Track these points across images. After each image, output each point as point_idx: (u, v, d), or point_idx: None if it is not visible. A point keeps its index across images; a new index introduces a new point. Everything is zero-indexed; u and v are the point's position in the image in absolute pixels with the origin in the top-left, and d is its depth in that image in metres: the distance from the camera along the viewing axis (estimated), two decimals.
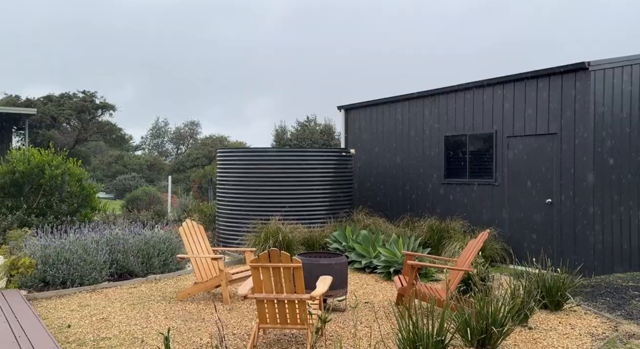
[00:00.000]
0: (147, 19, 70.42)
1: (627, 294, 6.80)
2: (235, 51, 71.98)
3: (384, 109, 12.10)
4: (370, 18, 72.44)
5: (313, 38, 72.57)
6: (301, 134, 29.52)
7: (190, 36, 70.33)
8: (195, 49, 69.85)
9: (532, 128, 8.76)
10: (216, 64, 70.08)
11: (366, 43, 70.34)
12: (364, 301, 6.44)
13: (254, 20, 73.86)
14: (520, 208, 8.94)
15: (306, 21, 74.86)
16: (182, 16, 72.04)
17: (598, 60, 7.91)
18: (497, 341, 4.61)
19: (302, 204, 10.22)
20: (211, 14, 73.63)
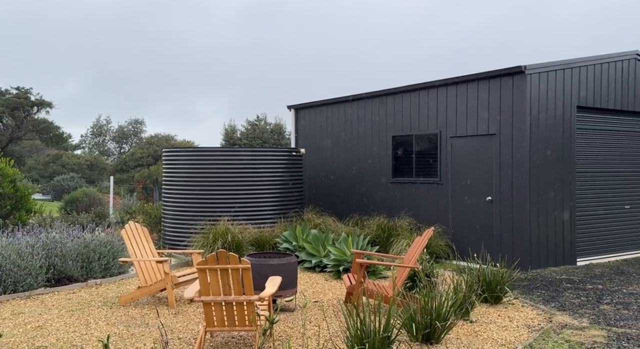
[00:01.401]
0: (92, 12, 67.14)
1: (560, 287, 7.22)
2: (186, 47, 70.03)
3: (334, 109, 12.20)
4: (326, 18, 72.85)
5: (266, 36, 71.98)
6: (251, 134, 29.23)
7: (139, 30, 67.77)
8: (143, 44, 67.34)
9: (473, 129, 9.11)
10: (166, 60, 67.91)
11: (320, 43, 70.68)
12: (313, 300, 6.45)
13: (207, 15, 72.23)
14: (463, 206, 9.28)
15: (260, 19, 74.14)
16: (130, 8, 69.23)
17: (534, 64, 8.34)
18: (440, 335, 4.76)
19: (252, 204, 10.11)
20: (162, 7, 71.20)
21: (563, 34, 58.83)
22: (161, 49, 67.89)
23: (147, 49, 66.22)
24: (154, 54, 66.73)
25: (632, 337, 5.00)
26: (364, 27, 71.51)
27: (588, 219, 9.23)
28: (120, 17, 66.62)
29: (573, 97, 8.84)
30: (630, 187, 9.84)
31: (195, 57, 68.36)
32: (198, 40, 69.56)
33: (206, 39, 70.34)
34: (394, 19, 70.62)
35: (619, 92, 9.45)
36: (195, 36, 69.68)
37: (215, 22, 71.30)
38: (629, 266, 8.69)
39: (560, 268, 8.57)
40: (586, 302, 6.37)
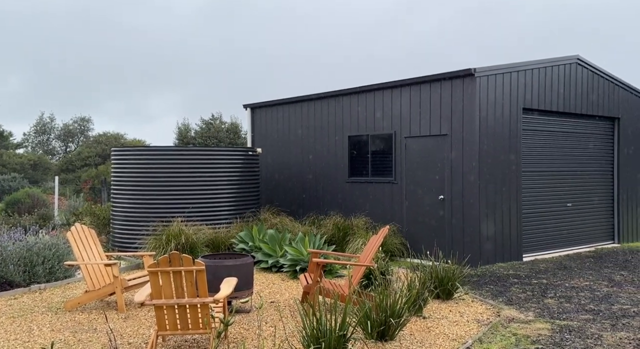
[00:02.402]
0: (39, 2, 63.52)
1: (507, 282, 7.52)
2: (141, 42, 67.58)
3: (290, 108, 12.16)
4: (285, 17, 72.46)
5: (224, 34, 70.69)
6: (206, 133, 28.69)
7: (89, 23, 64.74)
8: (94, 38, 64.38)
9: (426, 129, 9.34)
10: (119, 55, 65.22)
11: (278, 42, 70.23)
12: (269, 301, 6.40)
13: (164, 10, 69.95)
14: (417, 205, 9.49)
15: (219, 16, 72.74)
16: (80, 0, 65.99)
17: (483, 67, 8.65)
18: (394, 332, 4.84)
19: (206, 205, 9.91)
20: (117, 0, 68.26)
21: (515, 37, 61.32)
22: (113, 44, 65.30)
23: (98, 44, 63.48)
24: (106, 49, 64.04)
25: (574, 329, 5.27)
26: (323, 27, 71.85)
27: (533, 216, 9.66)
28: (70, 9, 63.57)
29: (519, 100, 9.23)
30: (572, 185, 10.38)
31: (150, 53, 66.24)
32: (154, 35, 67.49)
33: (163, 34, 68.32)
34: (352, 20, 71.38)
35: (562, 95, 9.95)
36: (151, 31, 67.55)
37: (173, 18, 69.37)
38: (571, 261, 9.17)
39: (507, 263, 8.92)
40: (532, 296, 6.66)
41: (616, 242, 11.04)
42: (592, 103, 10.48)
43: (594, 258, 9.44)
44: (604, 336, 5.00)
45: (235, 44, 68.24)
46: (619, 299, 6.46)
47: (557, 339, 4.95)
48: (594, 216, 10.77)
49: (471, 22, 65.50)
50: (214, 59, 65.58)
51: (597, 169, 10.83)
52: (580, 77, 10.25)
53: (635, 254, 9.89)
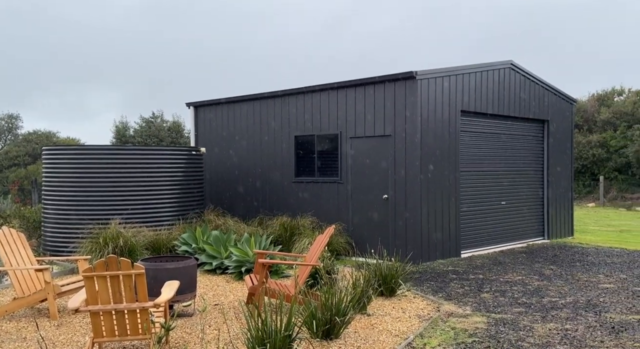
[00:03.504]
0: None
1: (447, 278, 7.81)
2: (80, 36, 63.81)
3: (236, 107, 11.99)
4: (233, 16, 71.11)
5: (168, 30, 68.31)
6: (146, 132, 27.70)
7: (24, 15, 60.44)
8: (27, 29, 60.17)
9: (370, 130, 9.51)
10: (55, 49, 61.27)
11: (224, 40, 68.83)
12: (213, 304, 6.27)
13: (106, 3, 66.46)
14: (362, 204, 9.64)
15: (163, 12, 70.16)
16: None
17: (424, 71, 8.93)
18: (340, 330, 4.89)
19: (147, 206, 9.56)
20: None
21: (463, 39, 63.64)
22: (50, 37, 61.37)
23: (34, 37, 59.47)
24: (42, 42, 60.10)
25: (508, 321, 5.55)
26: (270, 26, 71.31)
27: (470, 214, 10.09)
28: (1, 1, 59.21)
29: (457, 102, 9.61)
30: (506, 184, 10.94)
31: (89, 48, 62.85)
32: (94, 29, 64.11)
33: (103, 29, 65.01)
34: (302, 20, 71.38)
35: (496, 98, 10.46)
36: (90, 25, 64.09)
37: (114, 12, 66.20)
38: (505, 257, 9.66)
39: (447, 260, 9.26)
40: (469, 291, 6.95)
41: (546, 239, 11.75)
42: (524, 106, 11.10)
43: (526, 254, 10.00)
44: (535, 328, 5.31)
45: (180, 41, 66.35)
46: (548, 292, 6.88)
47: (492, 332, 5.19)
48: (526, 213, 11.41)
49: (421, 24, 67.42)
50: (157, 56, 63.43)
51: (529, 168, 11.48)
52: (513, 81, 10.82)
53: (563, 249, 10.58)
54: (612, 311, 5.86)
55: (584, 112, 25.40)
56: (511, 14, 61.88)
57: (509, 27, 61.69)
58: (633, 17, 53.78)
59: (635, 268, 8.51)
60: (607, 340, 4.87)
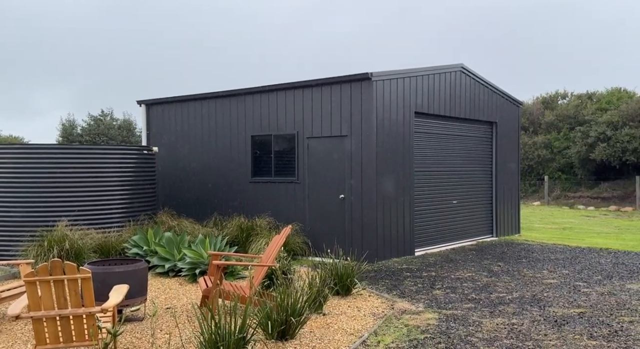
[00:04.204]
0: None
1: (401, 276, 7.96)
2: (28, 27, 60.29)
3: (190, 106, 11.74)
4: (192, 13, 69.35)
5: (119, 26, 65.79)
6: (95, 130, 26.66)
7: None
8: None
9: (327, 130, 9.56)
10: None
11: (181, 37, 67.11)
12: (165, 307, 6.11)
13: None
14: (319, 204, 9.68)
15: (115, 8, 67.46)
16: None
17: (379, 72, 9.07)
18: (295, 330, 4.88)
19: (95, 207, 9.20)
20: None
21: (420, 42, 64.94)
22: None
23: None
24: None
25: (458, 317, 5.72)
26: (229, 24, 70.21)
27: (424, 214, 10.34)
28: None
29: (412, 104, 9.82)
30: (457, 184, 11.29)
31: (37, 40, 59.60)
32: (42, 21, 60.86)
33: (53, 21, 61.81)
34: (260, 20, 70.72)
35: (448, 100, 10.77)
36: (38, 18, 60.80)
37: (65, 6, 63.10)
38: (456, 254, 9.96)
39: (401, 258, 9.45)
40: (422, 288, 7.12)
41: (495, 236, 12.21)
42: (474, 108, 11.49)
43: (476, 251, 10.35)
44: (484, 323, 5.50)
45: (132, 37, 64.22)
46: (496, 288, 7.15)
47: (443, 327, 5.34)
48: (476, 212, 11.82)
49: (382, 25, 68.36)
50: (108, 52, 61.09)
51: (478, 168, 11.89)
52: (464, 84, 11.18)
53: (511, 246, 11.03)
54: (555, 306, 6.16)
55: (529, 115, 26.59)
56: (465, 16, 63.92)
57: (464, 29, 63.68)
58: (577, 24, 56.88)
59: (576, 263, 8.98)
60: (550, 333, 5.11)
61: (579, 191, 22.95)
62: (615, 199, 21.17)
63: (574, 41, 55.18)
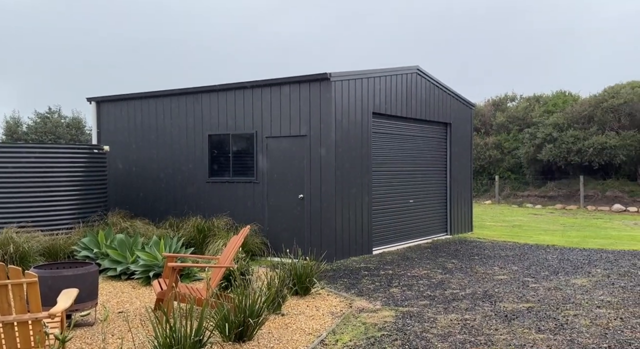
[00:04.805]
0: None
1: (359, 275, 8.05)
2: None
3: (143, 103, 11.40)
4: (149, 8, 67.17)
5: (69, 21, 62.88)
6: (42, 128, 25.44)
7: None
8: None
9: (286, 130, 9.54)
10: None
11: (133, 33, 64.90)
12: (117, 311, 5.91)
13: None
14: (278, 204, 9.63)
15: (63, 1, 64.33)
16: None
17: (337, 72, 9.13)
18: (253, 332, 4.84)
19: (42, 209, 8.78)
20: None
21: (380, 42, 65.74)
22: None
23: None
24: None
25: (414, 314, 5.85)
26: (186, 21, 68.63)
27: (381, 213, 10.51)
28: None
29: (369, 104, 9.95)
30: (413, 184, 11.54)
31: None
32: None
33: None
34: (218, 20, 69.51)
35: (404, 102, 10.99)
36: None
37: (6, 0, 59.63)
38: (412, 253, 10.18)
39: (359, 257, 9.56)
40: (379, 286, 7.23)
41: (449, 234, 12.57)
42: (430, 109, 11.78)
43: (431, 249, 10.62)
44: (438, 319, 5.65)
45: (83, 32, 61.64)
46: (450, 284, 7.36)
47: (400, 324, 5.44)
48: (432, 211, 12.12)
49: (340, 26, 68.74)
50: (57, 47, 58.38)
51: (434, 168, 12.20)
52: (420, 86, 11.43)
53: (464, 244, 11.38)
54: (506, 301, 6.41)
55: (481, 116, 27.54)
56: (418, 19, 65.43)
57: (416, 32, 65.12)
58: (525, 28, 59.40)
59: (525, 260, 9.38)
60: (501, 328, 5.31)
61: (527, 190, 23.99)
62: (561, 198, 22.27)
63: (522, 45, 57.64)
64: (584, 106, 23.12)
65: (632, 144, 20.63)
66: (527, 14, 61.79)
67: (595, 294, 6.69)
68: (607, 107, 21.95)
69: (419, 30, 64.87)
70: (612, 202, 20.45)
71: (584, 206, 20.69)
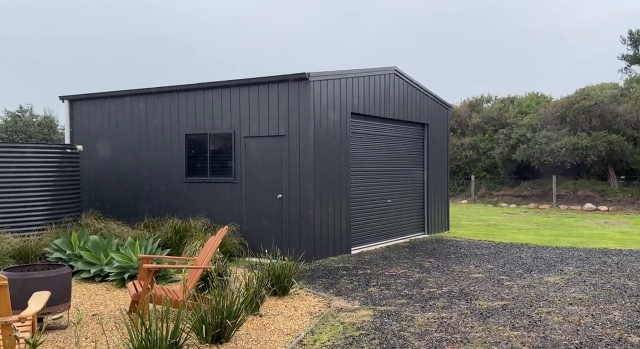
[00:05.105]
0: None
1: (338, 274, 8.07)
2: None
3: (119, 102, 11.19)
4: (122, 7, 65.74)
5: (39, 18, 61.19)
6: (12, 127, 24.74)
7: None
8: None
9: (265, 130, 9.49)
10: None
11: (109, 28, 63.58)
12: (91, 314, 5.78)
13: None
14: (256, 204, 9.58)
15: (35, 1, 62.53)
16: None
17: (316, 72, 9.13)
18: (230, 333, 4.80)
19: (12, 210, 8.53)
20: None
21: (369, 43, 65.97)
22: None
23: None
24: None
25: (392, 313, 5.89)
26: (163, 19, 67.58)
27: (360, 212, 10.55)
28: None
29: (348, 104, 9.99)
30: (391, 184, 11.63)
31: None
32: None
33: None
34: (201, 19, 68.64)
35: (382, 102, 11.07)
36: None
37: None
38: (391, 252, 10.25)
39: (338, 257, 9.58)
40: (358, 286, 7.26)
41: (426, 234, 12.71)
42: (407, 110, 11.88)
43: (409, 248, 10.72)
44: (416, 318, 5.70)
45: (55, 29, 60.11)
46: (427, 283, 7.44)
47: (377, 324, 5.47)
48: (409, 210, 12.24)
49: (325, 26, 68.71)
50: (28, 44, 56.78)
51: (411, 168, 12.32)
52: (397, 86, 11.53)
53: (441, 243, 11.53)
54: (481, 299, 6.51)
55: (458, 117, 27.95)
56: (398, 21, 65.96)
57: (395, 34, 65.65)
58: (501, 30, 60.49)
59: (500, 258, 9.55)
60: (477, 326, 5.39)
61: (502, 189, 24.45)
62: (535, 197, 22.78)
63: (498, 47, 58.72)
64: (557, 107, 23.71)
65: (602, 145, 21.23)
66: (504, 16, 63.02)
67: (568, 291, 6.86)
68: (579, 109, 22.54)
69: (397, 32, 65.46)
70: (584, 201, 21.01)
71: (556, 205, 21.19)
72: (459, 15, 63.58)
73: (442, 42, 62.99)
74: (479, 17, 64.20)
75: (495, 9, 62.77)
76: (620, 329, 5.21)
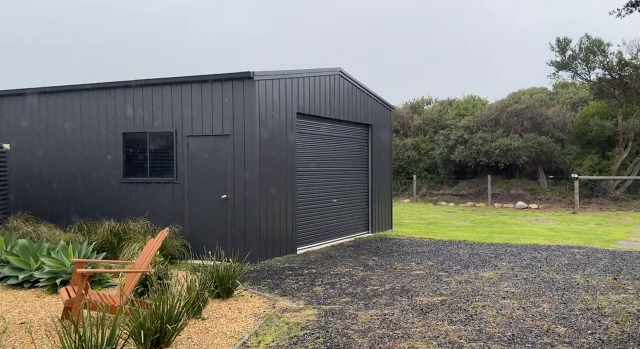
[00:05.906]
0: None
1: (283, 274, 8.05)
2: None
3: (50, 99, 10.56)
4: None
5: None
6: None
7: None
8: None
9: (209, 129, 9.30)
10: None
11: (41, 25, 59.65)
12: (19, 322, 5.42)
13: None
14: (200, 205, 9.36)
15: None
16: None
17: (261, 72, 9.06)
18: (171, 338, 4.66)
19: None
20: None
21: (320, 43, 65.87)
22: None
23: None
24: None
25: (336, 312, 5.96)
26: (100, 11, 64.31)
27: (305, 212, 10.59)
28: None
29: (294, 104, 9.99)
30: (336, 183, 11.76)
31: None
32: None
33: None
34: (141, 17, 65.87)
35: (328, 102, 11.17)
36: None
37: None
38: (336, 251, 10.37)
39: (284, 257, 9.56)
40: (303, 286, 7.28)
41: (370, 232, 12.96)
42: (352, 111, 12.06)
43: (354, 247, 10.89)
44: (359, 315, 5.80)
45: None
46: (371, 281, 7.59)
47: (322, 323, 5.52)
48: (354, 209, 12.43)
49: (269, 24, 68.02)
50: None
51: (356, 168, 12.51)
52: (342, 87, 11.68)
53: (384, 241, 11.79)
54: (421, 295, 6.73)
55: (400, 118, 28.72)
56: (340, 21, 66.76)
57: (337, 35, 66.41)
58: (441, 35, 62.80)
59: (439, 255, 9.91)
60: (417, 321, 5.57)
61: (442, 188, 25.39)
62: (472, 196, 23.83)
63: (438, 49, 60.88)
64: (492, 110, 24.97)
65: (533, 146, 22.57)
66: (445, 20, 65.45)
67: (501, 286, 7.24)
68: (512, 112, 23.87)
69: (340, 33, 66.27)
70: (516, 199, 22.24)
71: (491, 204, 22.28)
72: (402, 18, 65.38)
73: (385, 44, 64.50)
74: (421, 21, 66.38)
75: (438, 12, 65.19)
76: (549, 320, 5.57)
